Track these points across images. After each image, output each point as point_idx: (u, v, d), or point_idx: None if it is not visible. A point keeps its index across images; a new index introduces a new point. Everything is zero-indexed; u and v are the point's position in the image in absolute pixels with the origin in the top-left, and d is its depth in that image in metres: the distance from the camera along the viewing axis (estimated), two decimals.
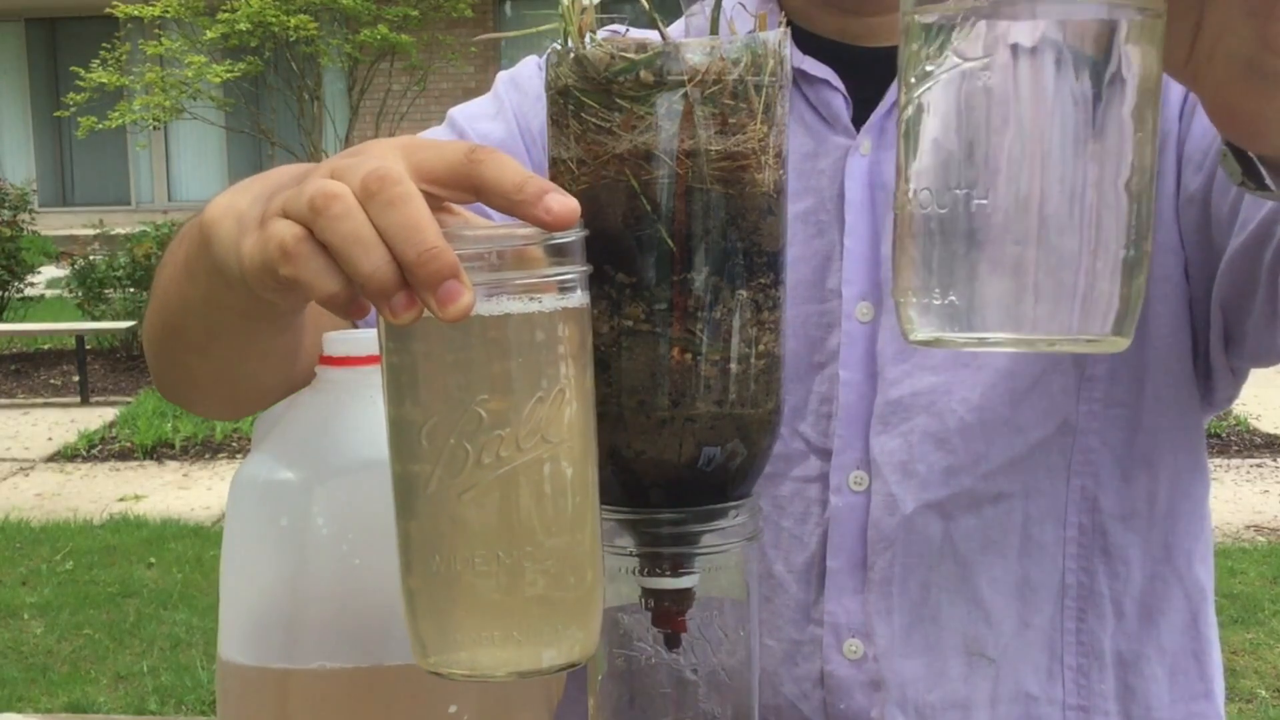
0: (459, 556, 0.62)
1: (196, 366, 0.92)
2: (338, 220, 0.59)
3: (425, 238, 0.58)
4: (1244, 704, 3.69)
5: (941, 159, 0.60)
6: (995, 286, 0.59)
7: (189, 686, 3.89)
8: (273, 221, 0.62)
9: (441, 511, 0.63)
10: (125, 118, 11.12)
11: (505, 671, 0.64)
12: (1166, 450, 1.01)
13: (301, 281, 0.61)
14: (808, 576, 1.00)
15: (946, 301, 0.60)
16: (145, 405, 7.25)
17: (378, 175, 0.59)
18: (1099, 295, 0.59)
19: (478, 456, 0.61)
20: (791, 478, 1.00)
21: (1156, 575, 1.02)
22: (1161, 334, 0.98)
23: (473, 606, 0.63)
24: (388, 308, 0.59)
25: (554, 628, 0.64)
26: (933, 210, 0.60)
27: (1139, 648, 1.02)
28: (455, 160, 0.62)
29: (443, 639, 0.64)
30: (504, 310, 0.61)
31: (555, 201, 0.61)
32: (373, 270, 0.58)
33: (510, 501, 0.62)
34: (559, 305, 0.62)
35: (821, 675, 1.00)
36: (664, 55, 0.67)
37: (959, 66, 0.59)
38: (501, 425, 0.61)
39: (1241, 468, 5.88)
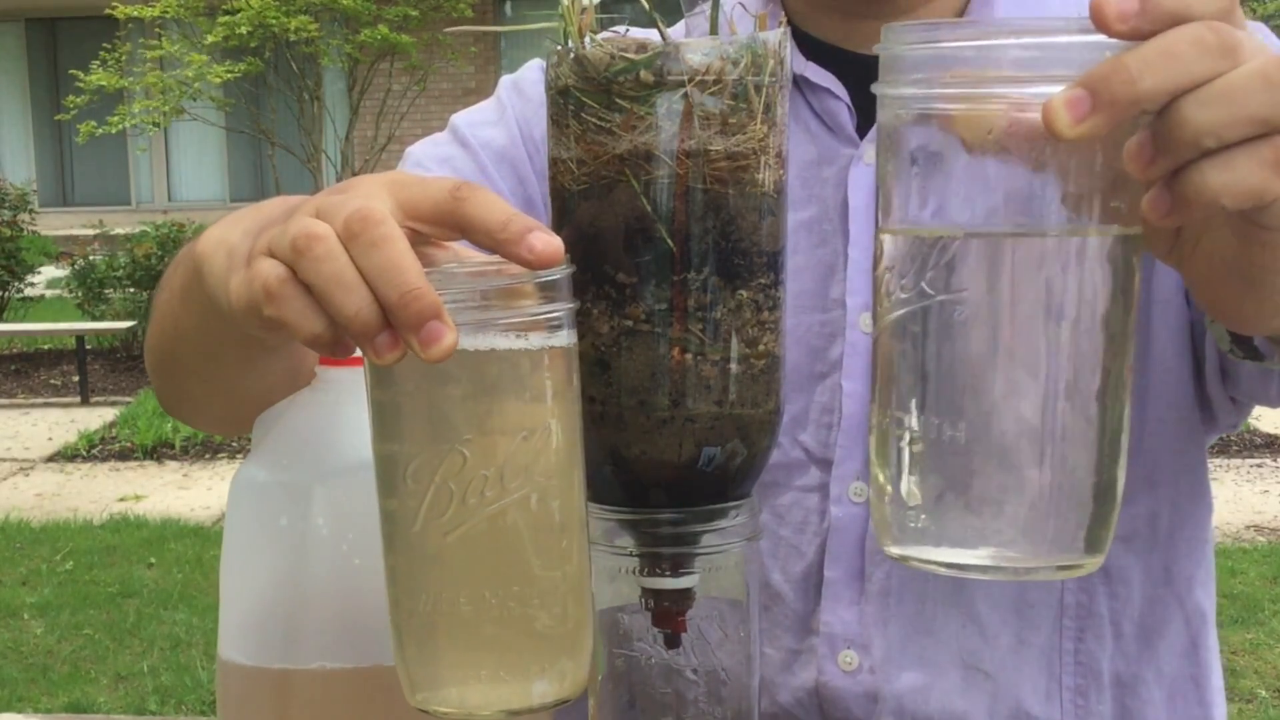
0: (445, 596, 0.62)
1: (194, 389, 0.93)
2: (320, 262, 0.59)
3: (407, 279, 0.58)
4: (1244, 704, 3.69)
5: (911, 388, 0.59)
6: (966, 516, 0.59)
7: (189, 686, 3.89)
8: (258, 260, 0.62)
9: (427, 551, 0.62)
10: (125, 122, 11.11)
11: (494, 710, 0.63)
12: (1168, 473, 1.00)
13: (285, 322, 0.61)
14: (805, 586, 1.00)
15: (919, 525, 0.60)
16: (145, 405, 7.25)
17: (360, 216, 0.59)
18: (1073, 524, 0.59)
19: (462, 496, 0.61)
20: (791, 487, 0.99)
21: (1156, 598, 1.01)
22: (1163, 356, 0.97)
23: (461, 645, 0.63)
24: (371, 348, 0.59)
25: (542, 664, 0.63)
26: (905, 433, 0.60)
27: (1137, 670, 1.01)
28: (440, 198, 0.62)
29: (431, 677, 0.64)
30: (489, 347, 0.61)
31: (539, 240, 0.60)
32: (355, 312, 0.58)
33: (496, 541, 0.62)
34: (545, 343, 0.62)
35: (817, 685, 0.99)
36: (664, 55, 0.67)
37: (930, 300, 0.58)
38: (486, 465, 0.61)
39: (1241, 468, 5.88)
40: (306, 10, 10.75)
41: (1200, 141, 0.54)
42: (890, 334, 0.60)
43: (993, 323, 0.57)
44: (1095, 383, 0.58)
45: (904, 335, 0.59)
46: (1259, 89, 0.53)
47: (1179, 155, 0.55)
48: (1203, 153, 0.54)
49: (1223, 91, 0.54)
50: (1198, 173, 0.54)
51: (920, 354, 0.59)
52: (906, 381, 0.60)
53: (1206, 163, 0.54)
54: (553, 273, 0.62)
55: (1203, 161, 0.54)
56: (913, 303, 0.59)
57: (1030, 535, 0.59)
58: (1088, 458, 0.59)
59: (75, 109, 11.17)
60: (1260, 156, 0.54)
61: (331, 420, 0.79)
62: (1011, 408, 0.58)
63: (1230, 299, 0.64)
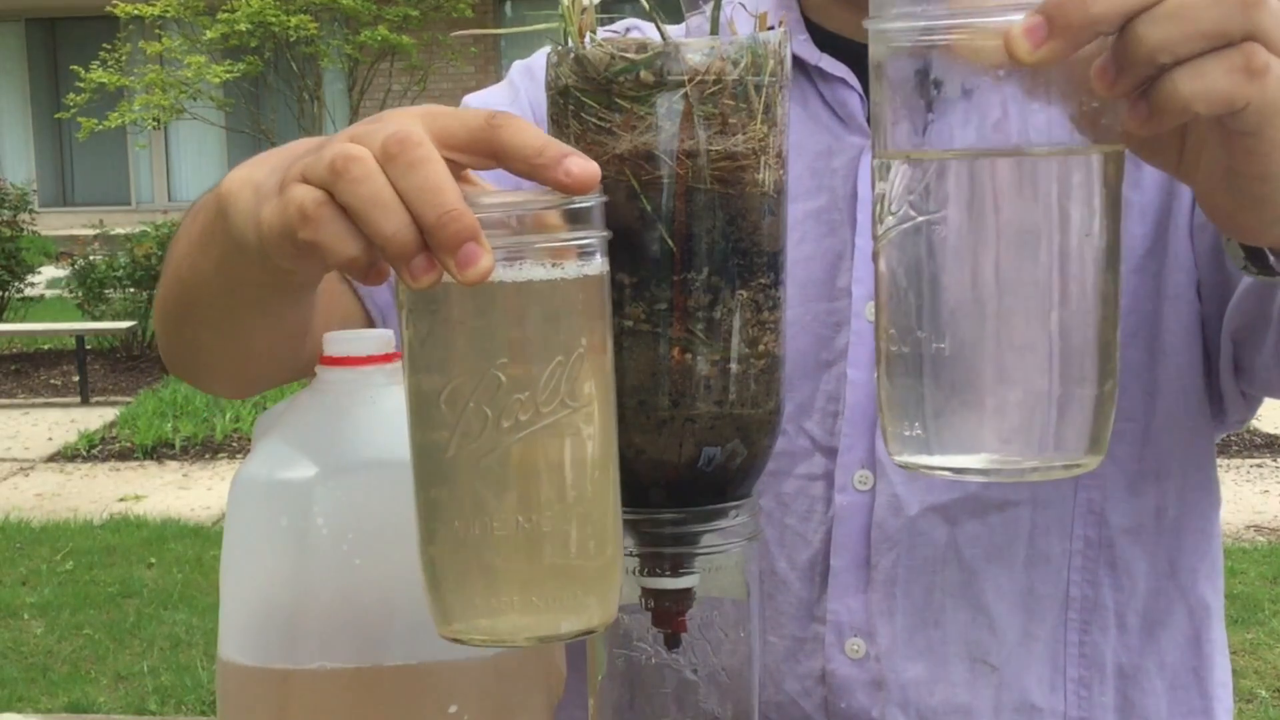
0: (478, 522, 0.62)
1: (208, 341, 0.92)
2: (358, 183, 0.59)
3: (446, 200, 0.58)
4: (1244, 704, 3.69)
5: (903, 303, 0.62)
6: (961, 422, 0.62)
7: (189, 686, 3.89)
8: (292, 186, 0.62)
9: (460, 477, 0.62)
10: (125, 117, 11.12)
11: (524, 637, 0.64)
12: (1175, 466, 1.00)
13: (321, 245, 0.61)
14: (811, 574, 1.00)
15: (915, 433, 0.62)
16: (145, 405, 7.25)
17: (398, 138, 0.59)
18: (1066, 424, 0.61)
19: (497, 420, 0.61)
20: (796, 475, 1.00)
21: (1160, 590, 1.01)
22: (1174, 350, 0.98)
23: (492, 572, 0.63)
24: (407, 271, 0.59)
25: (573, 594, 0.63)
26: (900, 348, 0.62)
27: (1139, 661, 1.01)
28: (476, 126, 0.62)
29: (462, 606, 0.64)
30: (524, 275, 0.61)
31: (575, 165, 0.60)
32: (393, 232, 0.58)
33: (530, 466, 0.62)
34: (580, 271, 0.62)
35: (823, 673, 0.99)
36: (664, 55, 0.67)
37: (915, 219, 0.61)
38: (521, 389, 0.61)
39: (1241, 468, 5.88)
40: (306, 10, 10.75)
41: (1156, 58, 0.57)
42: (885, 254, 0.62)
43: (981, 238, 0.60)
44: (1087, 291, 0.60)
45: (897, 253, 0.62)
46: (1208, 4, 0.57)
47: (1138, 72, 0.58)
48: (1160, 68, 0.57)
49: (1173, 9, 0.57)
50: (1170, 82, 0.58)
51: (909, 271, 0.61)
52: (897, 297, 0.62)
53: (1178, 71, 0.57)
54: (587, 199, 0.62)
55: (1175, 71, 0.57)
56: (903, 222, 0.61)
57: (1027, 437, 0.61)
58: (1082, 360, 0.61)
59: (75, 107, 11.17)
60: (1230, 63, 0.57)
61: (331, 420, 0.79)
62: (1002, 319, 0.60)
63: (1231, 209, 0.66)
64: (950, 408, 0.61)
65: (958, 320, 0.60)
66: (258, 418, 0.85)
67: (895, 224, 0.61)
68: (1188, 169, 0.66)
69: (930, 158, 0.60)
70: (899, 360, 0.62)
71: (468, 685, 0.79)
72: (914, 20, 0.60)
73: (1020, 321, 0.60)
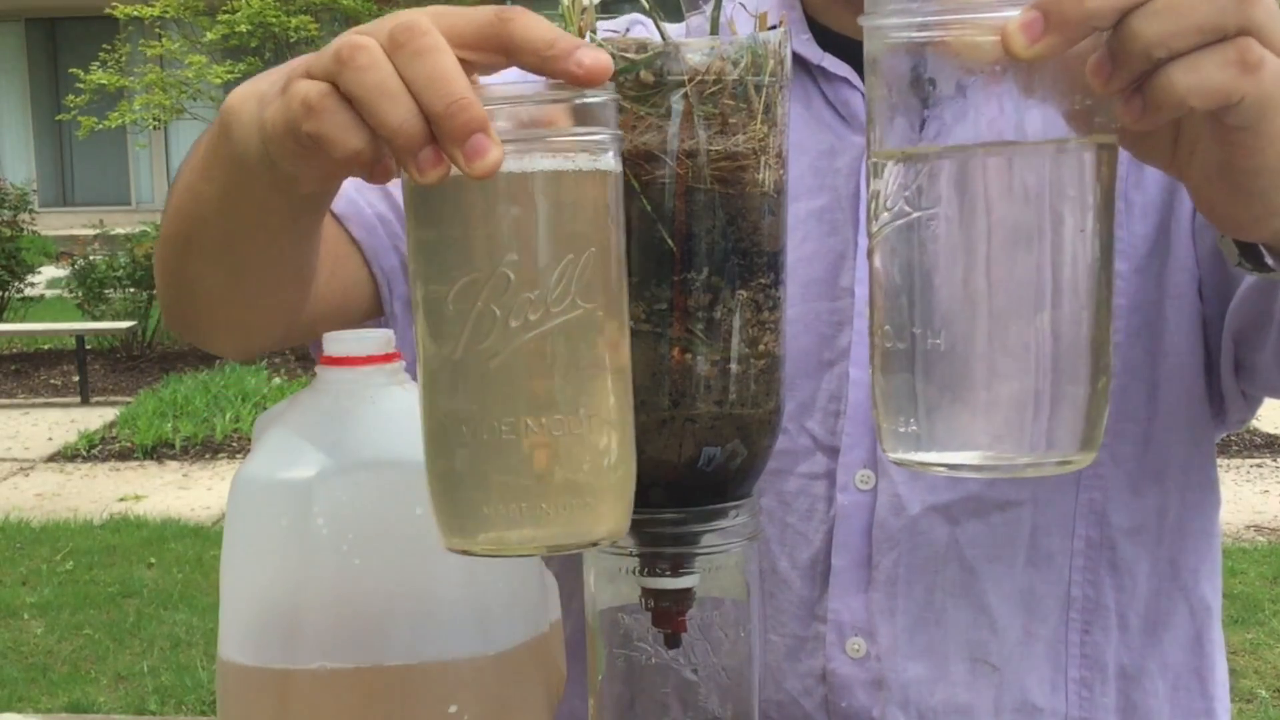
0: (486, 424, 0.60)
1: (208, 280, 0.88)
2: (363, 71, 0.58)
3: (454, 88, 0.57)
4: (1244, 704, 3.69)
5: (898, 299, 0.62)
6: (955, 418, 0.62)
7: (189, 686, 3.89)
8: (296, 81, 0.61)
9: (470, 379, 0.61)
10: (125, 117, 11.12)
11: (532, 547, 0.62)
12: (1177, 466, 1.00)
13: (325, 137, 0.59)
14: (812, 573, 1.00)
15: (910, 429, 0.62)
16: (145, 405, 7.25)
17: (405, 27, 0.58)
18: (1060, 421, 0.61)
19: (505, 320, 0.59)
20: (798, 474, 1.00)
21: (1162, 591, 1.01)
22: (1175, 349, 0.98)
23: (500, 478, 0.61)
24: (414, 164, 0.58)
25: (584, 503, 0.61)
26: (894, 344, 0.62)
27: (1141, 662, 1.01)
28: (484, 21, 0.60)
29: (469, 516, 0.62)
30: (534, 168, 0.59)
31: (587, 56, 0.59)
32: (400, 122, 0.57)
33: (540, 366, 0.60)
34: (591, 166, 0.60)
35: (824, 672, 0.99)
36: (664, 55, 0.67)
37: (909, 215, 0.61)
38: (531, 287, 0.59)
39: (1241, 468, 5.88)
40: (306, 10, 10.75)
41: (1151, 53, 0.57)
42: (879, 250, 0.62)
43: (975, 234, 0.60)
44: (1080, 287, 0.60)
45: (891, 250, 0.62)
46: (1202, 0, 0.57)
47: (1134, 67, 0.58)
48: (1155, 62, 0.57)
49: (1169, 4, 0.57)
50: (1165, 76, 0.58)
51: (903, 267, 0.61)
52: (892, 293, 0.62)
53: (1173, 66, 0.57)
54: (599, 93, 0.60)
55: (1170, 65, 0.57)
56: (898, 218, 0.61)
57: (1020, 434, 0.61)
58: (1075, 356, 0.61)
59: (75, 108, 11.17)
60: (1224, 57, 0.57)
61: (331, 420, 0.79)
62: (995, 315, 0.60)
63: (1224, 204, 0.66)
64: (944, 404, 0.61)
65: (952, 316, 0.61)
66: (258, 418, 0.85)
67: (890, 220, 0.61)
68: (1181, 165, 0.66)
69: (925, 154, 0.60)
70: (893, 356, 0.62)
71: (468, 685, 0.79)
72: (909, 16, 0.60)
73: (1014, 317, 0.60)
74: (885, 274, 0.62)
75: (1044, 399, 0.61)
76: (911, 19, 0.60)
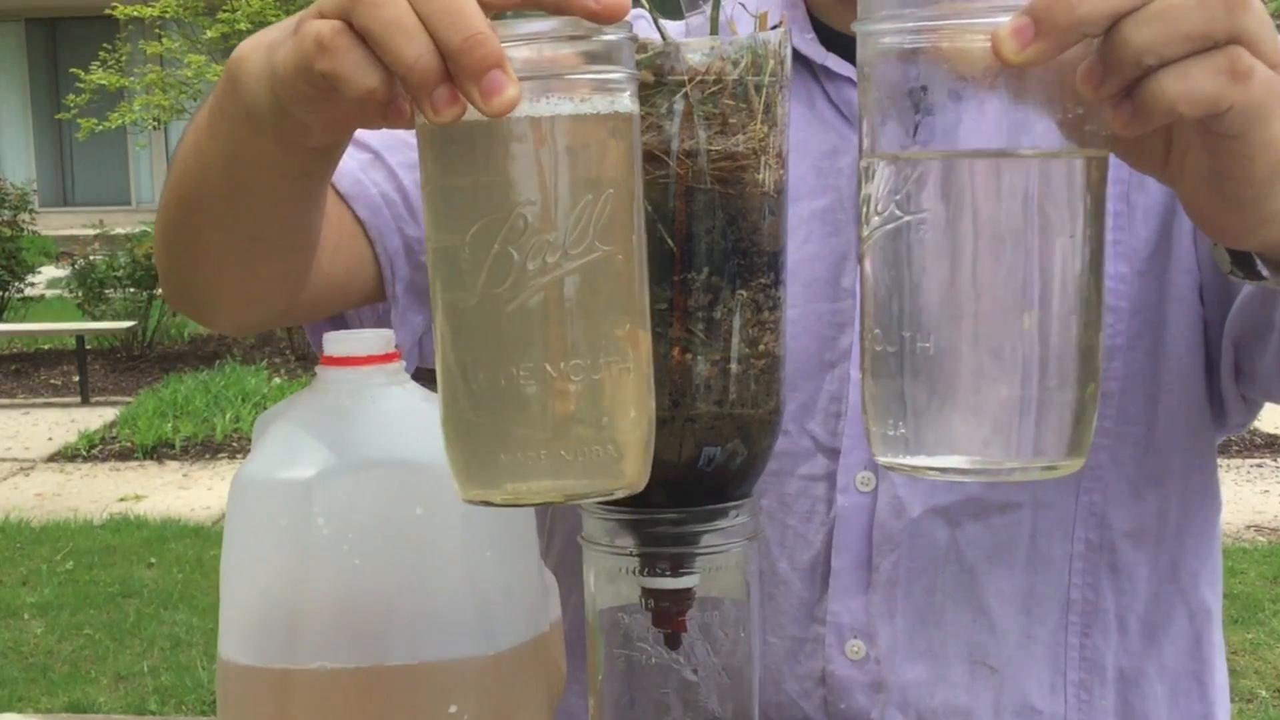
0: (503, 371, 0.59)
1: (211, 245, 0.87)
2: (378, 7, 0.57)
3: (470, 23, 0.56)
4: (1244, 704, 3.69)
5: (888, 303, 0.62)
6: (943, 421, 0.62)
7: (189, 686, 3.89)
8: (308, 22, 0.60)
9: (487, 324, 0.60)
10: (125, 118, 11.12)
11: (551, 496, 0.61)
12: (1178, 469, 1.00)
13: (339, 75, 0.58)
14: (812, 575, 1.00)
15: (898, 433, 0.62)
16: (145, 405, 7.25)
17: None
18: (1047, 426, 0.61)
19: (523, 263, 0.58)
20: (798, 475, 1.00)
21: (1162, 594, 1.01)
22: (1177, 353, 0.97)
23: (518, 426, 0.60)
24: (429, 103, 0.57)
25: (605, 449, 0.60)
26: (884, 348, 0.62)
27: (1140, 665, 1.01)
28: None
29: (487, 464, 0.61)
30: (550, 110, 0.58)
31: None
32: (415, 59, 0.56)
33: (558, 310, 0.59)
34: (609, 108, 0.60)
35: (823, 674, 0.99)
36: (664, 55, 0.67)
37: (899, 219, 0.61)
38: (548, 230, 0.58)
39: (1241, 468, 5.88)
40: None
41: (1141, 60, 0.57)
42: (869, 254, 0.62)
43: (965, 240, 0.60)
44: (1069, 294, 0.61)
45: (882, 254, 0.62)
46: (1193, 7, 0.57)
47: (1124, 74, 0.58)
48: (1145, 69, 0.58)
49: (1159, 11, 0.57)
50: (1155, 83, 0.58)
51: (895, 271, 0.62)
52: (882, 296, 0.62)
53: (1163, 73, 0.58)
54: (616, 31, 0.60)
55: (1160, 72, 0.58)
56: (889, 222, 0.61)
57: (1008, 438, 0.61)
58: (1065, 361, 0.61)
59: (75, 108, 11.18)
60: (1214, 65, 0.57)
61: (331, 420, 0.79)
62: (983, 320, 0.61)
63: (1215, 212, 0.66)
64: (933, 407, 0.61)
65: (941, 320, 0.61)
66: (258, 418, 0.85)
67: (880, 224, 0.61)
68: (1173, 173, 0.66)
69: (916, 159, 0.61)
70: (883, 360, 0.62)
71: (468, 685, 0.79)
72: (902, 22, 0.60)
73: (1002, 322, 0.60)
74: (875, 277, 0.62)
75: (1031, 404, 0.61)
76: (904, 25, 0.60)
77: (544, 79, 0.58)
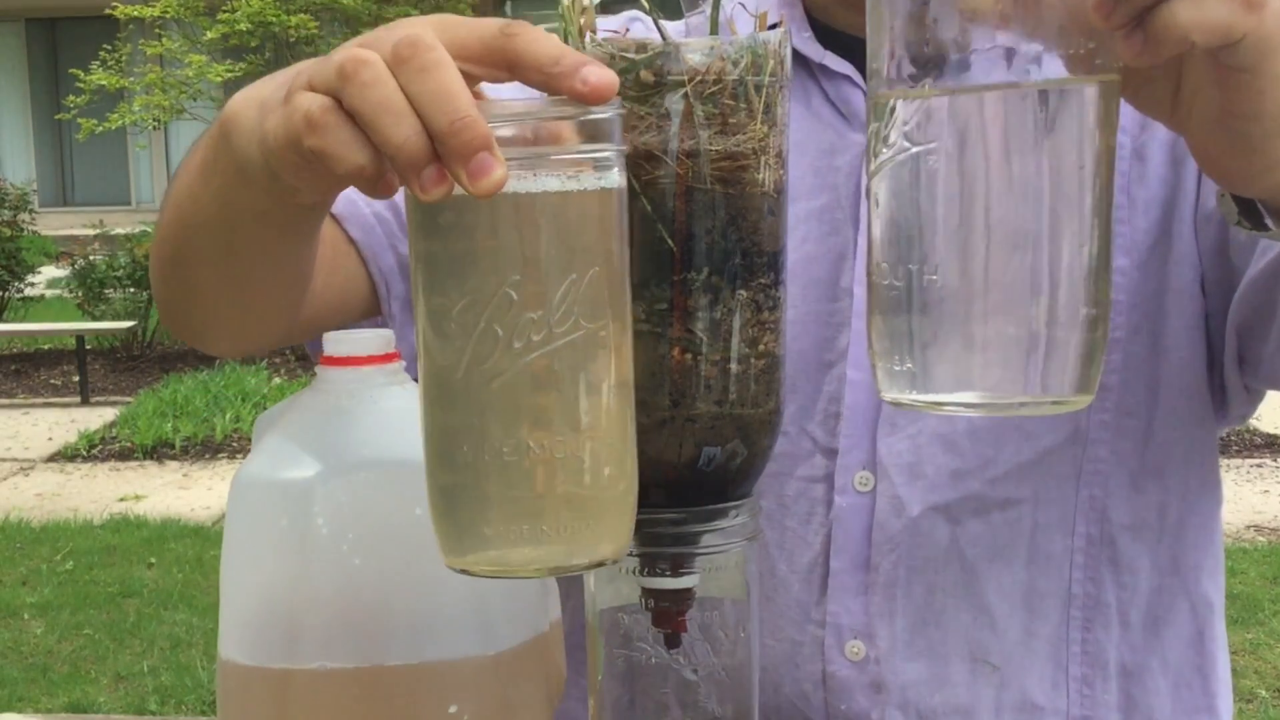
0: (488, 445, 0.60)
1: (205, 283, 0.88)
2: (367, 87, 0.57)
3: (458, 106, 0.56)
4: (1244, 704, 3.69)
5: (895, 235, 0.62)
6: (951, 355, 0.61)
7: (189, 686, 3.89)
8: (298, 94, 0.60)
9: (471, 399, 0.60)
10: (125, 118, 11.12)
11: (534, 568, 0.61)
12: (1178, 462, 1.00)
13: (327, 153, 0.59)
14: (810, 577, 1.00)
15: (905, 368, 0.62)
16: (145, 405, 7.25)
17: (409, 42, 0.57)
18: (1056, 360, 0.61)
19: (509, 340, 0.59)
20: (797, 477, 1.00)
21: (1163, 588, 1.01)
22: (1176, 346, 0.97)
23: (501, 499, 0.60)
24: (417, 182, 0.57)
25: (586, 524, 0.61)
26: (891, 281, 0.62)
27: (1143, 659, 1.01)
28: (489, 35, 0.59)
29: (471, 535, 0.62)
30: (538, 188, 0.58)
31: (593, 74, 0.58)
32: (403, 140, 0.56)
33: (542, 387, 0.60)
34: (596, 184, 0.60)
35: (823, 676, 0.99)
36: (664, 55, 0.67)
37: (908, 150, 0.61)
38: (534, 308, 0.59)
39: (1241, 468, 5.88)
40: (307, 9, 10.75)
41: None
42: (878, 187, 0.62)
43: (975, 169, 0.60)
44: (1079, 224, 0.60)
45: (891, 185, 0.62)
46: None
47: (1136, 2, 0.58)
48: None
49: None
50: (1168, 11, 0.57)
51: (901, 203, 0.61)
52: (890, 229, 0.62)
53: (1176, 1, 0.57)
54: (605, 110, 0.60)
55: (1173, 1, 0.57)
56: (895, 156, 0.61)
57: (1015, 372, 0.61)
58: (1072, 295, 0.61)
59: (75, 108, 11.18)
60: None
61: (332, 420, 0.79)
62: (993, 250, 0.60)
63: (1223, 155, 0.66)
64: (940, 340, 0.61)
65: (949, 252, 0.60)
66: (258, 418, 0.85)
67: (890, 155, 0.61)
68: (1181, 116, 0.65)
69: (926, 91, 0.60)
70: (889, 294, 0.62)
71: (468, 685, 0.79)
72: None
73: (1011, 253, 0.60)
74: (883, 210, 0.62)
75: (1040, 338, 0.60)
76: None
77: (532, 156, 0.58)
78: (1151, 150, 0.97)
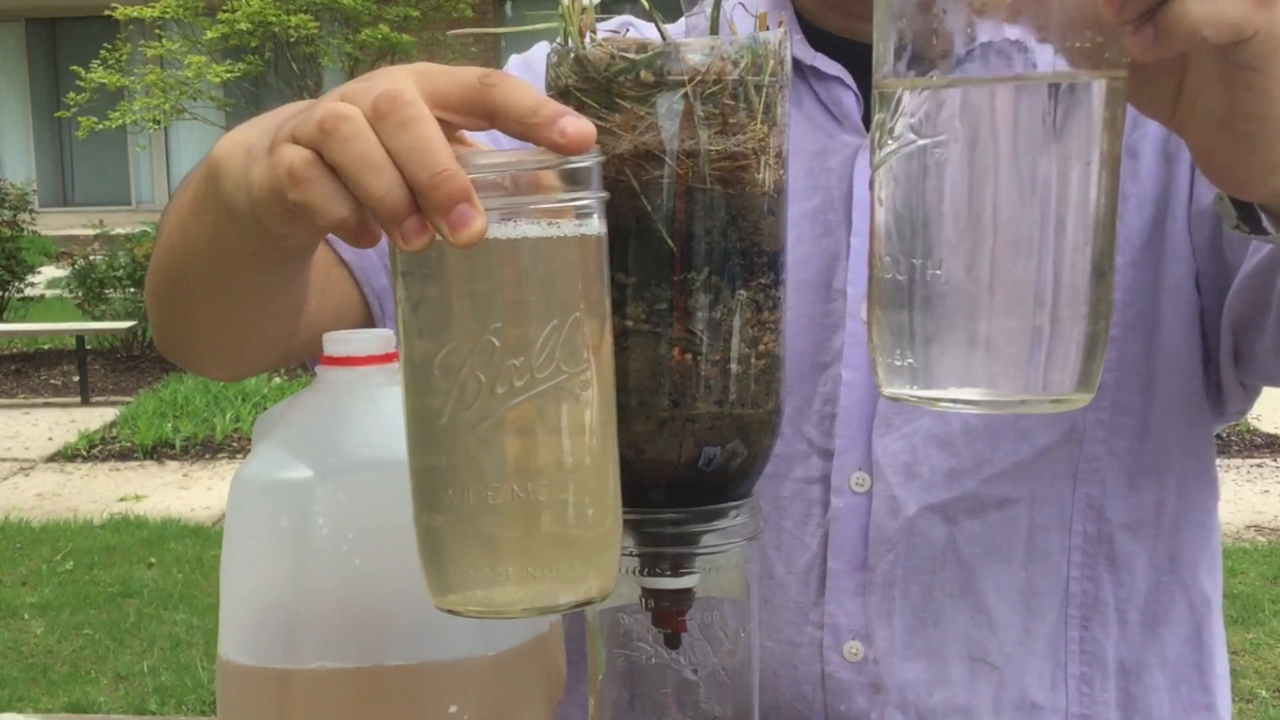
0: (472, 490, 0.61)
1: (199, 316, 0.89)
2: (347, 142, 0.58)
3: (438, 159, 0.57)
4: (1244, 704, 3.69)
5: (899, 228, 0.62)
6: (952, 351, 0.61)
7: (189, 686, 3.89)
8: (281, 147, 0.61)
9: (455, 444, 0.61)
10: (126, 118, 11.12)
11: (521, 608, 0.62)
12: (1175, 460, 1.00)
13: (310, 206, 0.60)
14: (808, 578, 1.00)
15: (906, 363, 0.62)
16: (145, 405, 7.25)
17: (389, 96, 0.58)
18: (1058, 358, 0.61)
19: (491, 386, 0.60)
20: (793, 478, 1.00)
21: (1161, 585, 1.01)
22: (1171, 343, 0.97)
23: (487, 542, 0.61)
24: (399, 233, 0.58)
25: (570, 564, 0.62)
26: (894, 275, 0.62)
27: (1141, 656, 1.01)
28: (468, 84, 0.61)
29: (457, 576, 0.62)
30: (519, 235, 0.59)
31: (570, 125, 0.59)
32: (384, 193, 0.57)
33: (525, 433, 0.61)
34: (576, 231, 0.61)
35: (822, 677, 0.99)
36: (664, 55, 0.67)
37: (914, 143, 0.60)
38: (516, 354, 0.60)
39: (1241, 468, 5.88)
40: (306, 9, 10.75)
41: None
42: (881, 179, 0.62)
43: (980, 164, 0.60)
44: (1084, 220, 0.60)
45: (895, 178, 0.61)
46: None
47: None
48: None
49: None
50: (1180, 5, 0.57)
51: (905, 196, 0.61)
52: (894, 222, 0.62)
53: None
54: (583, 159, 0.61)
55: None
56: (900, 148, 0.61)
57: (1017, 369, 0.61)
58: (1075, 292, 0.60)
59: (75, 106, 11.18)
60: None
61: (332, 420, 0.79)
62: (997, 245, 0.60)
63: (1225, 157, 0.66)
64: (941, 335, 0.61)
65: (953, 246, 0.60)
66: (258, 418, 0.85)
67: (895, 148, 0.61)
68: (1182, 116, 0.65)
69: (933, 83, 0.60)
70: (891, 288, 0.62)
71: (468, 685, 0.79)
72: None
73: (1015, 248, 0.60)
74: (886, 203, 0.62)
75: (1044, 335, 0.60)
76: None
77: (512, 205, 0.59)
78: (1144, 147, 0.97)
